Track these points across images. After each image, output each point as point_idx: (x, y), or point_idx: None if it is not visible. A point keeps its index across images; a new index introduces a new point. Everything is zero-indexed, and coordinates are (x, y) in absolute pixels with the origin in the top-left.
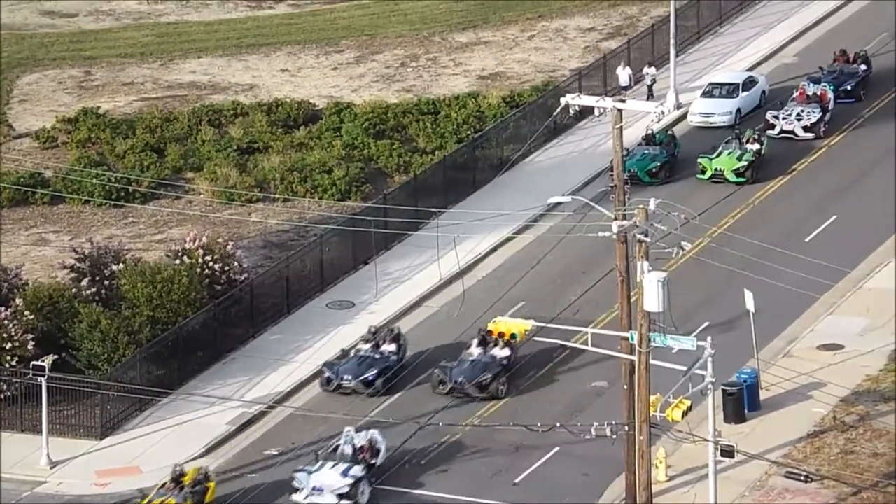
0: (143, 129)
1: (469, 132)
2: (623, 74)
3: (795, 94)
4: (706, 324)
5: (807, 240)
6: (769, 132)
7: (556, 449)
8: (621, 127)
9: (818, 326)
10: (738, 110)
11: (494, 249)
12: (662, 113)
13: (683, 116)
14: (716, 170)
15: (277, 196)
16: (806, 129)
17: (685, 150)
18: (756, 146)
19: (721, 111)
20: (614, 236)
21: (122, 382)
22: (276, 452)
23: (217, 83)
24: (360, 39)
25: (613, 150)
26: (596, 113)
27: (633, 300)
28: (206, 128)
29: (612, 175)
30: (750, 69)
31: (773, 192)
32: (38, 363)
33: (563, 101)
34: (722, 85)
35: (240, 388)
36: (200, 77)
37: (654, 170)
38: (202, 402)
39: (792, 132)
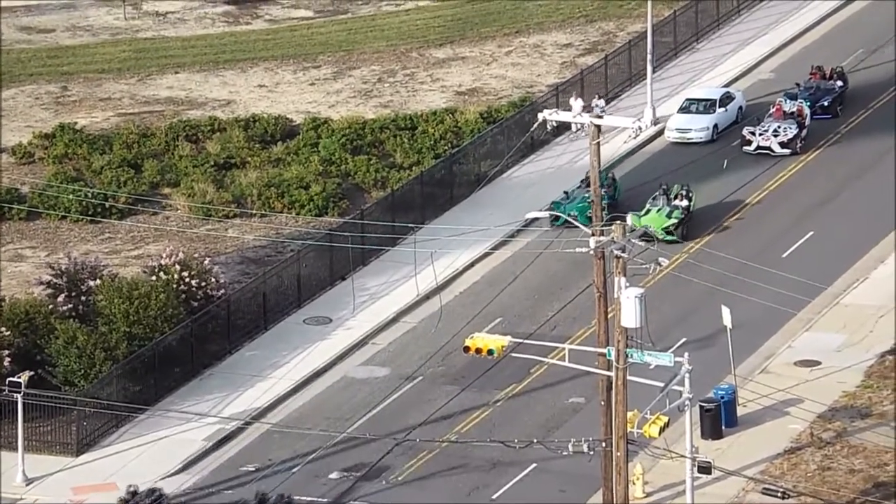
0: (120, 144)
1: (446, 148)
2: (575, 106)
3: (772, 110)
4: (683, 340)
5: (784, 256)
6: (745, 148)
7: (534, 465)
8: (598, 143)
9: (795, 342)
10: (716, 126)
11: (472, 265)
12: (640, 129)
13: (661, 132)
14: (645, 227)
15: (255, 212)
16: (783, 144)
17: (627, 188)
18: (684, 202)
19: (698, 127)
20: (591, 252)
21: (99, 399)
22: (253, 468)
23: (194, 99)
24: (337, 55)
25: (591, 165)
26: (573, 129)
27: (610, 316)
28: (184, 143)
29: (589, 190)
30: (727, 85)
31: (750, 208)
32: (15, 379)
33: (540, 116)
34: (699, 101)
35: (217, 403)
36: (177, 93)
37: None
38: (179, 419)
39: (768, 148)
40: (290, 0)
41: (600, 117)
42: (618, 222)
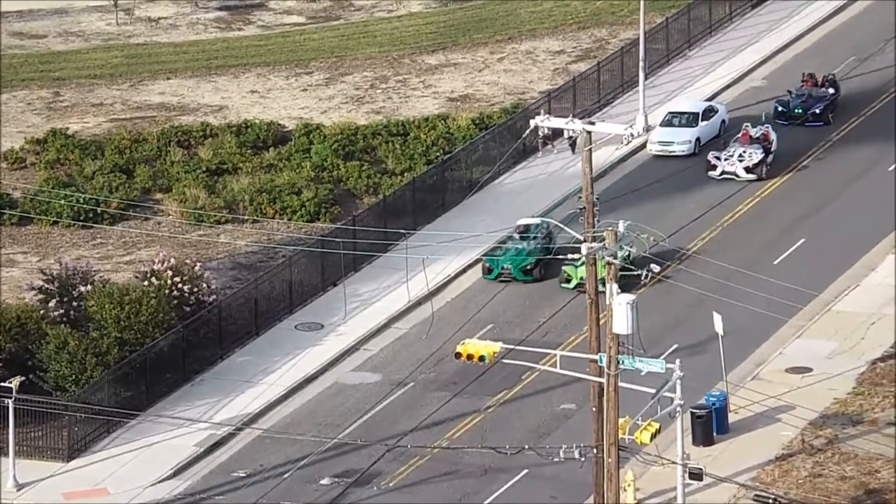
0: (112, 150)
1: (438, 154)
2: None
3: (738, 135)
4: (675, 346)
5: (775, 263)
6: (710, 173)
7: (525, 471)
8: (591, 149)
9: (787, 349)
10: (698, 139)
11: (464, 271)
12: (631, 136)
13: (643, 146)
14: (581, 279)
15: (246, 217)
16: (748, 170)
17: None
18: (623, 252)
19: (680, 140)
20: (583, 258)
21: (90, 404)
22: (244, 474)
23: (186, 104)
24: (329, 61)
25: (583, 172)
26: (565, 135)
27: (601, 322)
28: (175, 149)
29: (580, 197)
30: (719, 92)
31: (743, 215)
32: (6, 385)
33: (532, 123)
34: (681, 114)
35: (208, 409)
36: (169, 98)
37: (528, 266)
38: (170, 424)
39: (733, 173)
40: (283, 6)
41: (575, 140)
42: (609, 228)
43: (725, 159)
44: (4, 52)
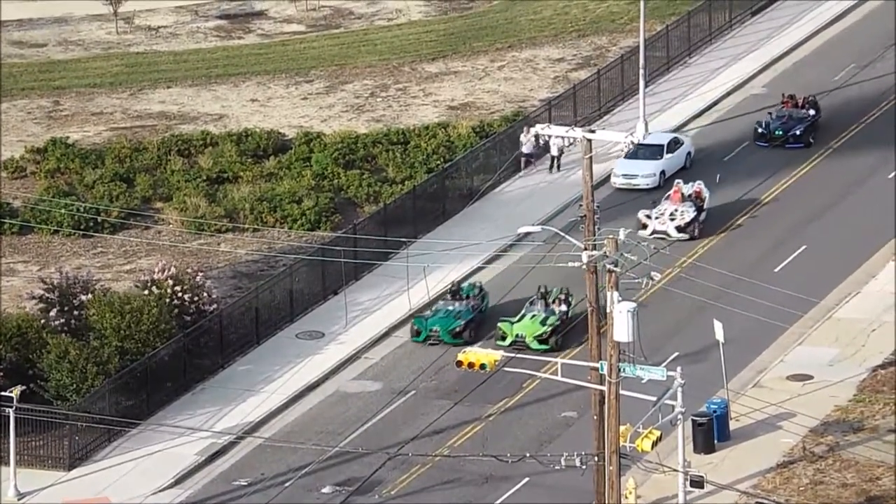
0: (113, 159)
1: (439, 162)
2: (526, 141)
3: (670, 193)
4: (676, 354)
5: (776, 270)
6: (641, 232)
7: (526, 479)
8: (591, 157)
9: (788, 357)
10: (663, 172)
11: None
12: (632, 143)
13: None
14: (517, 336)
15: (247, 226)
16: (679, 229)
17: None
18: (563, 307)
19: (645, 173)
20: (584, 266)
21: (91, 413)
22: (245, 483)
23: (186, 113)
24: (329, 69)
25: (583, 180)
26: (566, 143)
27: (602, 330)
28: (176, 158)
29: (581, 205)
30: (719, 100)
31: (744, 222)
32: (6, 394)
33: (532, 131)
34: (646, 146)
35: (209, 418)
36: (170, 107)
37: (457, 329)
38: (171, 433)
39: (664, 233)
40: (283, 14)
41: (560, 156)
42: (609, 236)
43: (656, 218)
44: (4, 61)
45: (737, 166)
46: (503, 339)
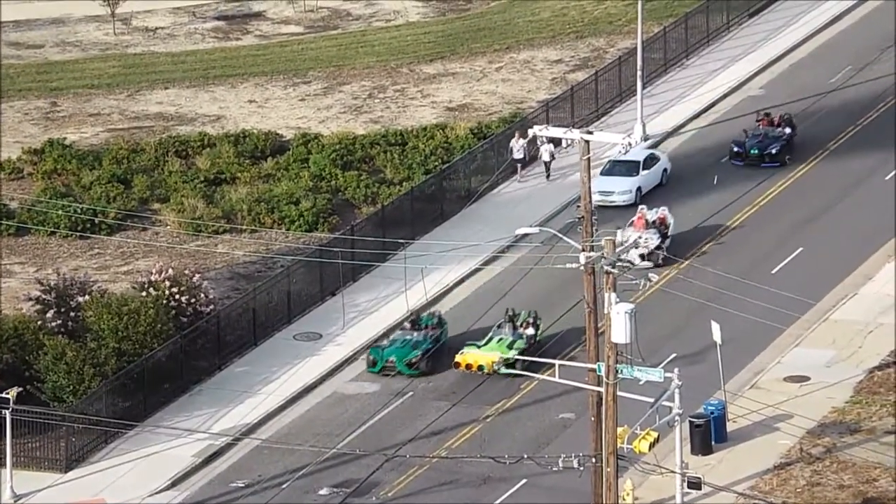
0: (110, 160)
1: (437, 163)
2: (517, 146)
3: (634, 220)
4: (673, 355)
5: (773, 271)
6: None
7: (524, 481)
8: (589, 158)
9: (785, 358)
10: (639, 188)
11: (462, 281)
12: (630, 145)
13: (651, 148)
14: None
15: (244, 227)
16: (643, 257)
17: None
18: (531, 330)
19: (621, 189)
20: (582, 268)
21: (88, 415)
22: (242, 485)
23: (184, 114)
24: (327, 70)
25: (581, 181)
26: (564, 144)
27: (600, 332)
28: (173, 159)
29: (579, 206)
30: (716, 101)
31: (740, 224)
32: (3, 395)
33: (530, 132)
34: (622, 163)
35: (206, 420)
36: (167, 108)
37: (413, 359)
38: (168, 435)
39: (628, 261)
40: (280, 16)
41: (550, 162)
42: (608, 238)
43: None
44: (1, 62)
45: (736, 169)
46: (467, 366)
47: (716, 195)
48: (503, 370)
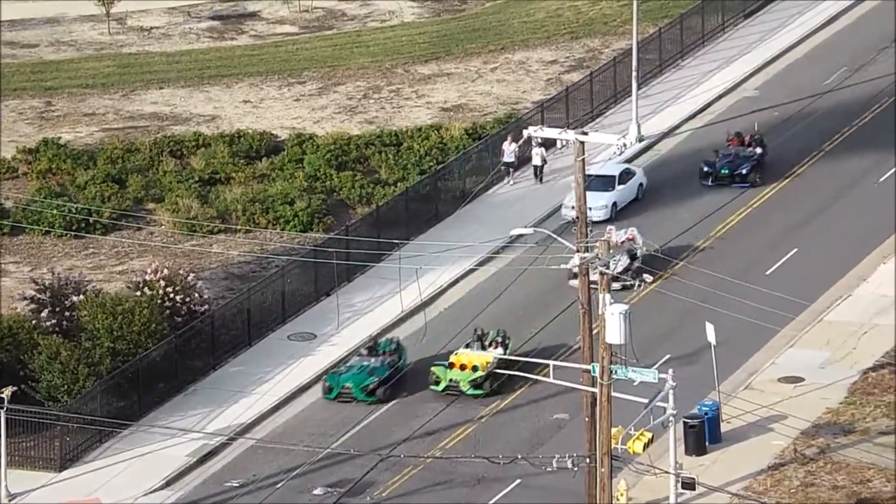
0: (105, 159)
1: (431, 164)
2: (508, 150)
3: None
4: (668, 356)
5: (767, 273)
6: (572, 282)
7: (518, 481)
8: (584, 159)
9: (779, 359)
10: (615, 203)
11: (456, 281)
12: (625, 145)
13: (646, 149)
14: (450, 380)
15: (239, 227)
16: (614, 278)
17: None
18: (499, 350)
19: (597, 205)
20: (576, 269)
21: (82, 414)
22: (237, 484)
23: (179, 114)
24: (322, 71)
25: (575, 182)
26: (558, 145)
27: (594, 332)
28: (168, 159)
29: (573, 207)
30: (711, 102)
31: (734, 225)
32: None
33: (525, 132)
34: (597, 177)
35: (201, 419)
36: (162, 108)
37: (370, 386)
38: (163, 434)
39: (594, 283)
40: (275, 16)
41: (542, 166)
42: (601, 238)
43: None
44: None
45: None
46: (437, 383)
47: (700, 202)
48: (470, 391)
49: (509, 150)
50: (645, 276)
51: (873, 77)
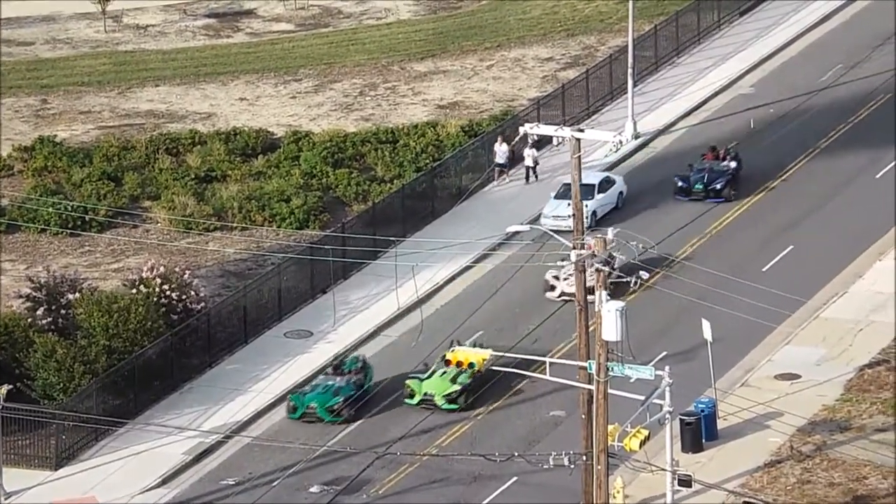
0: (101, 157)
1: (427, 161)
2: (500, 151)
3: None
4: (664, 353)
5: (764, 269)
6: (549, 294)
7: (514, 478)
8: (580, 156)
9: (775, 356)
10: (594, 213)
11: (453, 278)
12: (620, 142)
13: (642, 146)
14: (425, 394)
15: (235, 225)
16: (590, 290)
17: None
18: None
19: None
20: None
21: (78, 412)
22: (233, 482)
23: (175, 112)
24: (318, 68)
25: (571, 179)
26: (554, 142)
27: (591, 329)
28: (164, 156)
29: (570, 204)
30: (707, 99)
31: (731, 222)
32: None
33: (521, 130)
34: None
35: (197, 417)
36: (158, 105)
37: (335, 406)
38: (159, 432)
39: (572, 295)
40: (271, 13)
41: (534, 167)
42: (598, 236)
43: (565, 279)
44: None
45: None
46: (411, 397)
47: (696, 204)
48: (445, 406)
49: (501, 152)
50: (641, 273)
51: (868, 74)
